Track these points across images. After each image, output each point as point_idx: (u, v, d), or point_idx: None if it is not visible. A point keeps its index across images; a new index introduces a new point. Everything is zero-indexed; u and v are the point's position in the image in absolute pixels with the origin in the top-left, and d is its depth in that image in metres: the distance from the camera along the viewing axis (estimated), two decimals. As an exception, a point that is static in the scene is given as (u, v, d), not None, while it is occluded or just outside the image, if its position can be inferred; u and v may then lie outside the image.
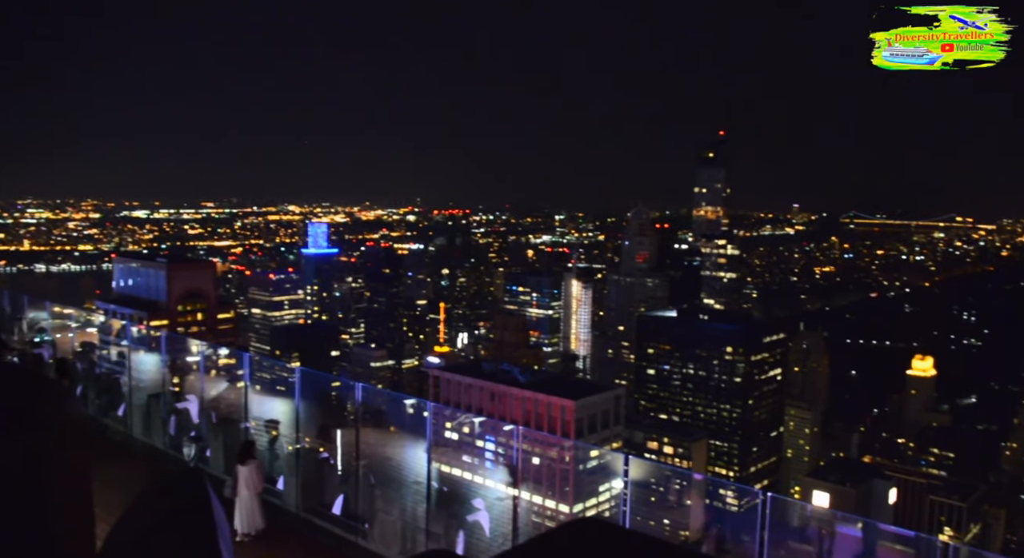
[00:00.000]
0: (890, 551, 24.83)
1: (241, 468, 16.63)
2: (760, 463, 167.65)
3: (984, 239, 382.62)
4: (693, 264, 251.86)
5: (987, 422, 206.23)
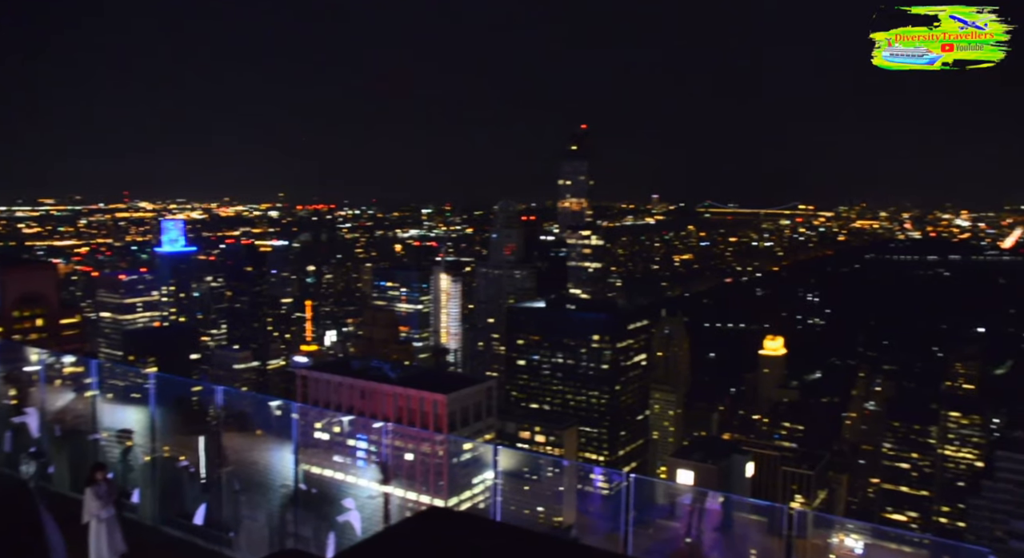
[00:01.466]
0: (747, 521, 26.24)
1: (90, 489, 15.35)
2: (628, 446, 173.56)
3: (824, 225, 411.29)
4: (559, 255, 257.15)
5: (831, 395, 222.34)
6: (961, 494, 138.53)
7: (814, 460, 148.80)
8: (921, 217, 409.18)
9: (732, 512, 30.20)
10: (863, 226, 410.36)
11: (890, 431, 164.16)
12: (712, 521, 26.04)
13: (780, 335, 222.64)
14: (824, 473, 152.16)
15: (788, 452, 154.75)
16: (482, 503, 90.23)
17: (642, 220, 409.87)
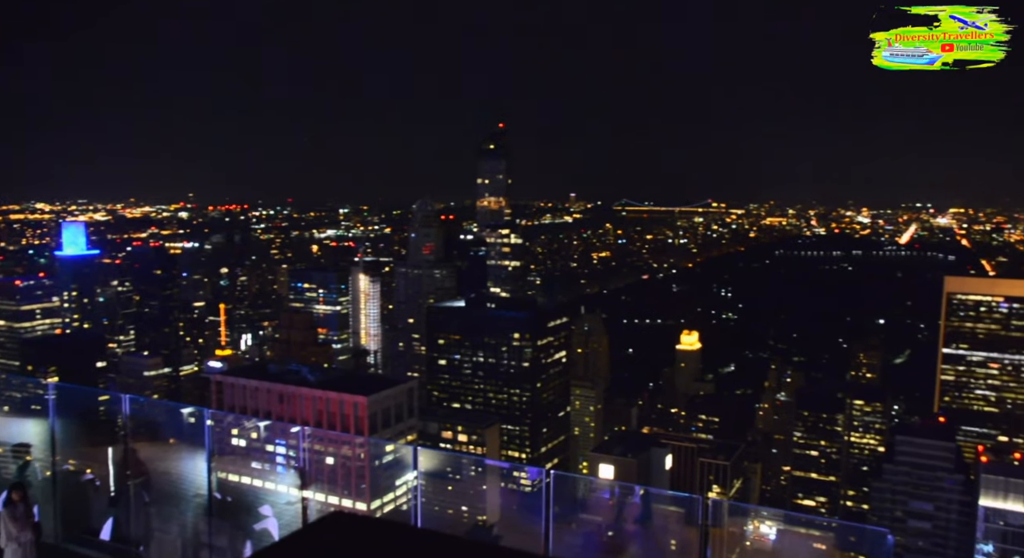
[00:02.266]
0: (665, 512, 26.78)
1: (6, 511, 14.37)
2: (550, 443, 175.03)
3: (736, 222, 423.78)
4: (479, 254, 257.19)
5: (744, 387, 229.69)
6: (865, 478, 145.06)
7: (730, 451, 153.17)
8: (826, 214, 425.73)
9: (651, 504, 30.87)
10: (772, 223, 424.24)
11: (800, 420, 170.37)
12: (633, 514, 26.50)
13: (696, 330, 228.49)
14: (739, 463, 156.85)
15: (705, 444, 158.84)
16: (405, 505, 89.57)
17: (560, 219, 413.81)
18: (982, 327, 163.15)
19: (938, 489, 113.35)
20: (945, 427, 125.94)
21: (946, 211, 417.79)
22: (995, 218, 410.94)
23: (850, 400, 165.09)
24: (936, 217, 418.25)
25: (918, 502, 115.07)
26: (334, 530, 3.92)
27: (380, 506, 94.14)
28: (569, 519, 20.38)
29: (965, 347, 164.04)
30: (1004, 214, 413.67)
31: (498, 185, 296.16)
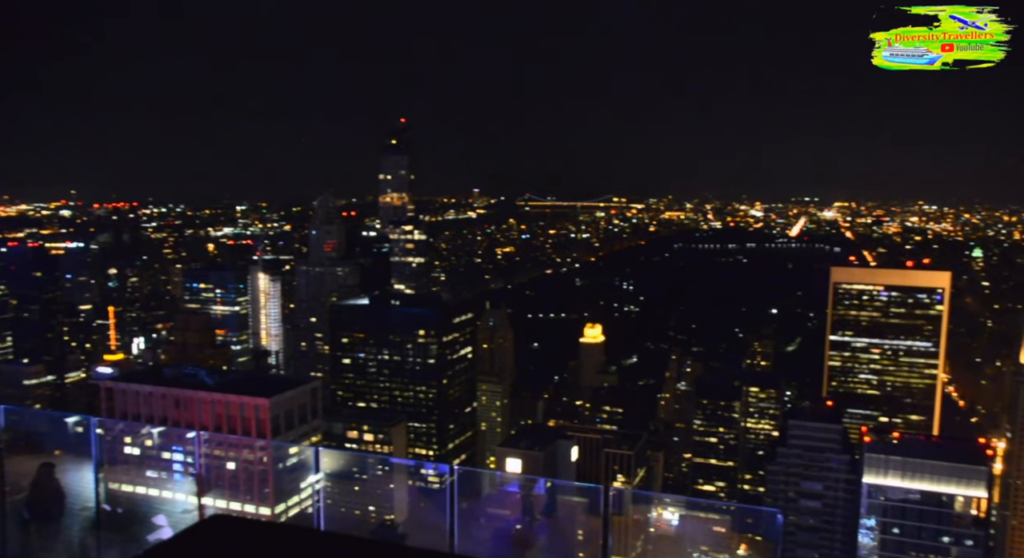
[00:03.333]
0: (571, 503, 27.20)
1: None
2: (458, 439, 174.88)
3: (636, 217, 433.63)
4: (382, 251, 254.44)
5: (646, 378, 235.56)
6: (761, 462, 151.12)
7: (633, 440, 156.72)
8: (721, 208, 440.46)
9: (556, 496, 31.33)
10: (671, 217, 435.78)
11: (700, 408, 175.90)
12: (538, 506, 26.80)
13: (599, 323, 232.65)
14: (643, 452, 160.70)
15: (610, 434, 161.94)
16: (310, 508, 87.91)
17: (464, 214, 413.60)
18: (865, 315, 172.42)
19: (827, 469, 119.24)
20: (833, 410, 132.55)
21: (832, 205, 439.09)
22: (875, 211, 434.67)
23: (746, 387, 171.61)
24: (823, 211, 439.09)
25: (809, 482, 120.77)
26: (213, 533, 3.78)
27: (284, 510, 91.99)
28: (477, 514, 20.43)
29: (850, 334, 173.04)
30: (883, 208, 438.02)
31: (401, 181, 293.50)
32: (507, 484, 32.60)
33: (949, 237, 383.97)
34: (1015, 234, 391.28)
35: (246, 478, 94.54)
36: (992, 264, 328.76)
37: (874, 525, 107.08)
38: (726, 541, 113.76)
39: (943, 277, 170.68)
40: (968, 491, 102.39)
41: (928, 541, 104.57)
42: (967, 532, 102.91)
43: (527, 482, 29.26)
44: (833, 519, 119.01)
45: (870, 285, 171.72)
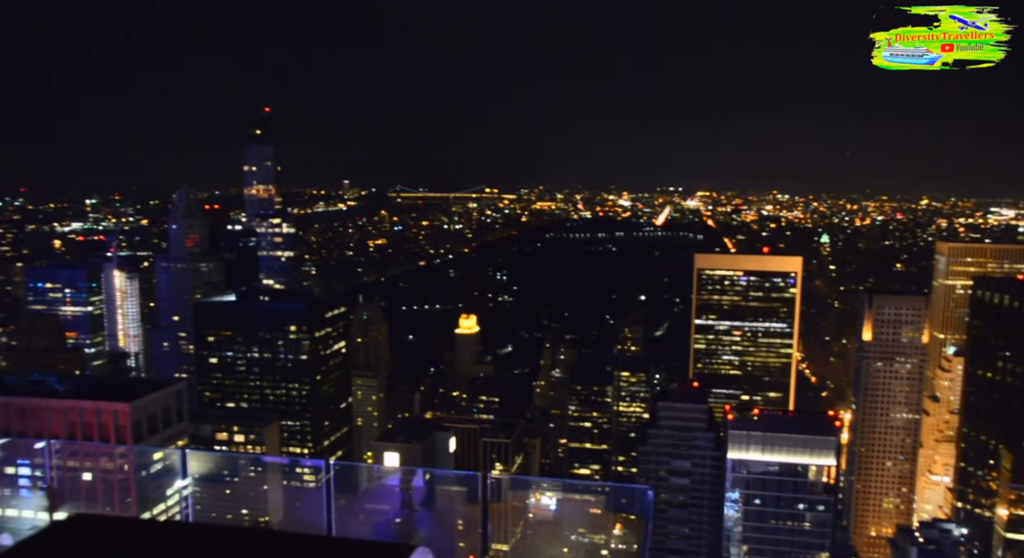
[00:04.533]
0: (450, 493, 26.94)
1: None
2: (333, 435, 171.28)
3: (508, 207, 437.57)
4: (249, 245, 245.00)
5: (522, 367, 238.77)
6: (633, 443, 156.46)
7: (510, 429, 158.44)
8: (591, 198, 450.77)
9: (435, 486, 31.04)
10: (543, 207, 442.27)
11: (574, 394, 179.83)
12: (417, 497, 26.46)
13: (473, 313, 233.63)
14: (520, 439, 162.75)
15: (487, 424, 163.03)
16: (178, 514, 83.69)
17: (334, 206, 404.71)
18: (726, 299, 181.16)
19: (694, 447, 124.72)
20: (699, 391, 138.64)
21: (694, 194, 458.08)
22: (735, 201, 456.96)
23: (618, 372, 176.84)
24: (687, 200, 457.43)
25: (678, 460, 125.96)
26: (73, 533, 3.44)
27: (149, 518, 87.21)
28: (355, 510, 19.85)
29: (713, 318, 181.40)
30: (741, 197, 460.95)
31: (266, 172, 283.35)
32: (385, 478, 32.10)
33: (800, 224, 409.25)
34: (856, 221, 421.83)
35: (105, 488, 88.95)
36: (838, 249, 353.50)
37: (738, 497, 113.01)
38: (602, 521, 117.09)
39: (795, 262, 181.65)
40: (820, 460, 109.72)
41: (786, 509, 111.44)
42: (819, 498, 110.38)
43: (405, 475, 28.82)
44: (701, 494, 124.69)
45: (730, 271, 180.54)
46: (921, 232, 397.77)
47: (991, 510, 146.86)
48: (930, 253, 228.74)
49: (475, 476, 16.14)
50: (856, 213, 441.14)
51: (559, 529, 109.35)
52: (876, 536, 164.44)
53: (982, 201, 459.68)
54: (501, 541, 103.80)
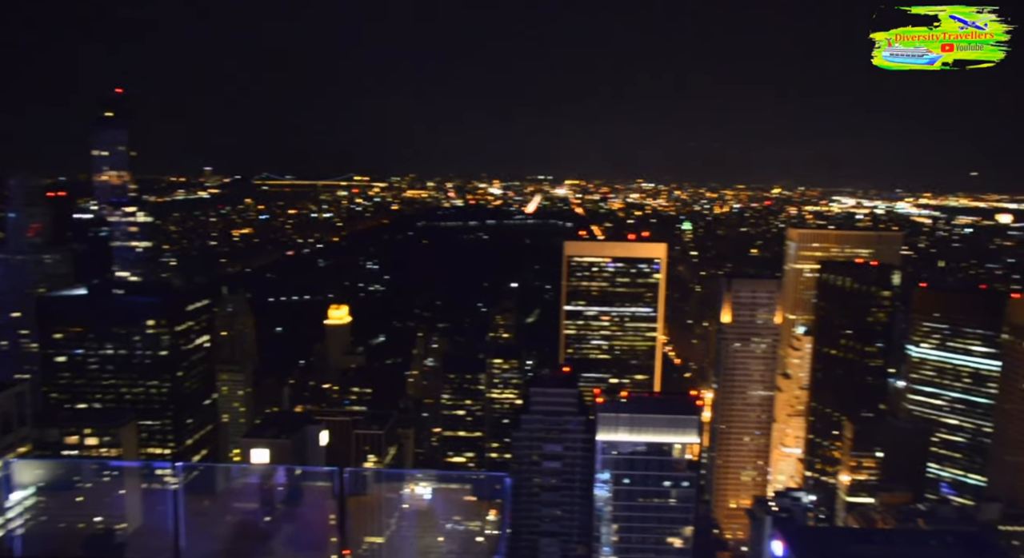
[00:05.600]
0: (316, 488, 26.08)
1: None
2: (197, 434, 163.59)
3: (379, 195, 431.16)
4: (100, 235, 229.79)
5: (395, 357, 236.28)
6: (506, 430, 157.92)
7: (383, 420, 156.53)
8: (462, 186, 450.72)
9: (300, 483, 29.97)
10: (414, 196, 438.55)
11: (447, 383, 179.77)
12: (281, 496, 25.42)
13: (344, 304, 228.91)
14: (393, 430, 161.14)
15: (359, 415, 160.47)
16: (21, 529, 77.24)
17: (195, 194, 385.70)
18: (595, 285, 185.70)
19: (566, 431, 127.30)
20: (569, 376, 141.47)
21: (563, 183, 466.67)
22: (602, 189, 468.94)
23: (490, 360, 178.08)
24: (556, 188, 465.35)
25: (550, 445, 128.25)
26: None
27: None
28: (214, 511, 18.80)
29: (582, 303, 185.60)
30: (608, 185, 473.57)
31: (119, 158, 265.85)
32: (246, 476, 30.76)
33: (664, 212, 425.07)
34: (716, 209, 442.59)
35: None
36: (699, 235, 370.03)
37: (608, 478, 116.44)
38: (476, 508, 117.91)
39: (659, 248, 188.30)
40: (684, 439, 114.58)
41: (653, 487, 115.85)
42: (684, 475, 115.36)
43: (267, 472, 27.59)
44: (573, 477, 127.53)
45: (598, 257, 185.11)
46: (774, 219, 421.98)
47: (835, 477, 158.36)
48: (782, 239, 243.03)
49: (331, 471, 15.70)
50: (716, 201, 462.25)
51: (434, 519, 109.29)
52: (736, 508, 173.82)
53: (827, 190, 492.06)
54: (375, 534, 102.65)
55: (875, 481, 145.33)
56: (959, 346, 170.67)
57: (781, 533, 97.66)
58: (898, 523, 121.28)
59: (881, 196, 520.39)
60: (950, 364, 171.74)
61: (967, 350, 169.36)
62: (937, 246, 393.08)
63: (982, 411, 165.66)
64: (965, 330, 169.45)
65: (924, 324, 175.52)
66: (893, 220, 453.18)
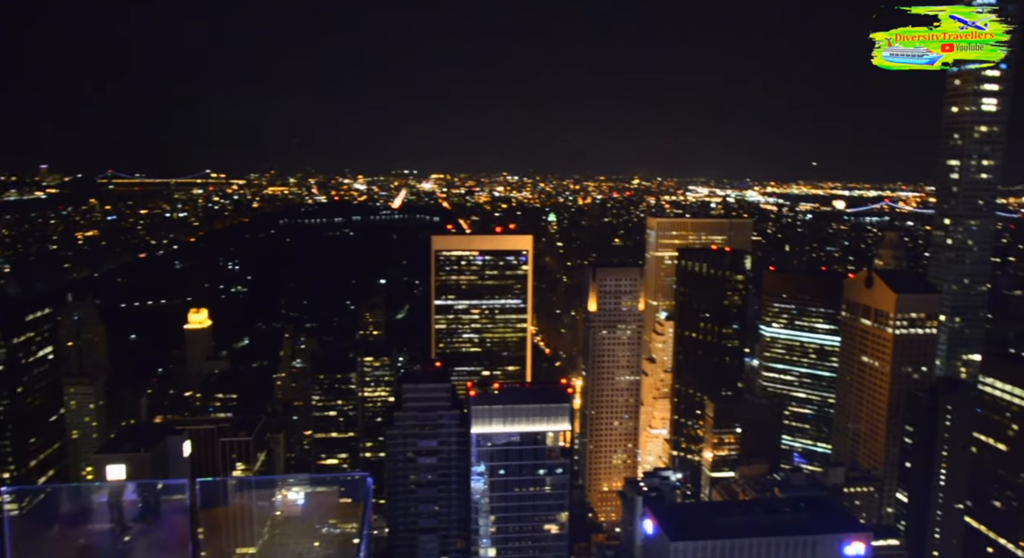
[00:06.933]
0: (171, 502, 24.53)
1: None
2: (42, 453, 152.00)
3: (238, 193, 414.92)
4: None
5: (261, 360, 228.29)
6: (380, 428, 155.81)
7: (251, 425, 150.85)
8: (325, 182, 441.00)
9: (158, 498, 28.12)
10: (275, 193, 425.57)
11: (317, 384, 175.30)
12: (133, 513, 23.78)
13: (204, 307, 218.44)
14: (262, 436, 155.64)
15: (225, 422, 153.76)
16: None
17: (30, 194, 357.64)
18: (464, 279, 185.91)
19: (440, 426, 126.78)
20: (441, 371, 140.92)
21: (429, 177, 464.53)
22: (467, 182, 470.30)
23: (361, 358, 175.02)
24: (421, 183, 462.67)
25: (425, 441, 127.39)
26: None
27: None
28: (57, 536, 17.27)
29: (452, 298, 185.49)
30: (474, 179, 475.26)
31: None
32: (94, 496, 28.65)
33: (529, 204, 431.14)
34: (579, 200, 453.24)
35: None
36: (564, 227, 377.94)
37: (484, 470, 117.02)
38: (353, 510, 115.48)
39: (526, 240, 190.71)
40: (556, 427, 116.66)
41: (528, 476, 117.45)
42: (557, 462, 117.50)
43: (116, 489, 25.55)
44: (449, 471, 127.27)
45: (466, 251, 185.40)
46: (634, 209, 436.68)
47: (699, 454, 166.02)
48: (642, 228, 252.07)
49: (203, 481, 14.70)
50: (579, 193, 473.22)
51: (309, 524, 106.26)
52: (608, 490, 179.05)
53: (683, 180, 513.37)
54: (247, 544, 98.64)
55: (735, 456, 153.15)
56: (805, 324, 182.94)
57: (651, 512, 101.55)
58: (757, 494, 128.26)
59: (732, 185, 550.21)
60: (798, 342, 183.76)
61: (812, 328, 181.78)
62: (783, 231, 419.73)
63: (826, 384, 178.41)
64: (810, 309, 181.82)
65: (774, 305, 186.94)
66: (743, 208, 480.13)
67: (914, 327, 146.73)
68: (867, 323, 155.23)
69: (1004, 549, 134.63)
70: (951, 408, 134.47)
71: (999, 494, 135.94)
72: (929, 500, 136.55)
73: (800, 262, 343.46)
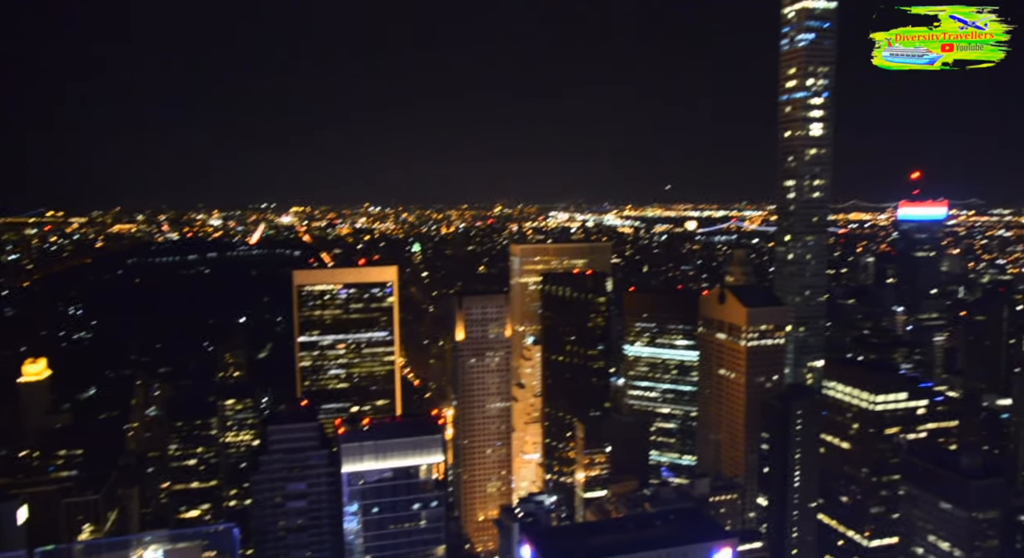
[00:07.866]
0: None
1: None
2: None
3: (78, 232, 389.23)
4: None
5: (109, 410, 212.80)
6: (245, 474, 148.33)
7: (100, 482, 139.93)
8: (177, 218, 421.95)
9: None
10: (121, 230, 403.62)
11: (174, 432, 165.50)
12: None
13: (41, 357, 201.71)
14: (113, 492, 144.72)
15: (68, 481, 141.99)
16: None
17: None
18: (328, 313, 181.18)
19: (309, 467, 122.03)
20: (308, 409, 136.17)
21: (288, 210, 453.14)
22: (329, 215, 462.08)
23: (221, 402, 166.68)
24: (280, 216, 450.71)
25: (294, 484, 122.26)
26: None
27: None
28: None
29: (317, 333, 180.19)
30: (335, 211, 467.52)
31: None
32: None
33: (392, 235, 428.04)
34: (443, 229, 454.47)
35: None
36: (428, 256, 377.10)
37: (356, 509, 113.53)
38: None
39: (391, 271, 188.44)
40: (429, 459, 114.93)
41: (403, 512, 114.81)
42: (431, 495, 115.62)
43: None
44: (320, 514, 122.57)
45: (330, 285, 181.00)
46: (498, 236, 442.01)
47: (572, 476, 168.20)
48: (506, 255, 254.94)
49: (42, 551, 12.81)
50: (442, 222, 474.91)
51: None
52: (484, 520, 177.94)
53: (544, 206, 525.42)
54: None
55: (606, 475, 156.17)
56: (665, 342, 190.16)
57: (528, 537, 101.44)
58: (628, 510, 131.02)
59: (591, 209, 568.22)
60: (659, 359, 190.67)
61: (672, 345, 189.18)
62: (640, 252, 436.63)
63: (688, 398, 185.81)
64: (669, 327, 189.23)
65: (635, 324, 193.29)
66: (602, 231, 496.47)
67: (764, 338, 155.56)
68: (722, 337, 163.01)
69: (852, 541, 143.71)
70: (800, 413, 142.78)
71: (846, 490, 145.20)
72: (786, 501, 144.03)
73: (658, 282, 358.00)
